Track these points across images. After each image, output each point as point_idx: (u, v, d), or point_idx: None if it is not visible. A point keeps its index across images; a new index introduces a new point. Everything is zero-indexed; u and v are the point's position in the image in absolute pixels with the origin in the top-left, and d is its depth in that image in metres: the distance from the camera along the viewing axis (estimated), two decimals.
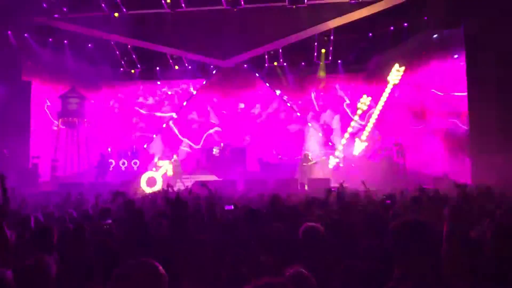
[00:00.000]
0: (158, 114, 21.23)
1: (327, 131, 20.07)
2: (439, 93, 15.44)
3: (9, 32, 16.44)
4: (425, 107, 16.34)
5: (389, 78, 17.58)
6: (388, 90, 17.72)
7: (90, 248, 3.84)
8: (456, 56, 14.60)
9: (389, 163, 15.54)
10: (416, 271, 1.96)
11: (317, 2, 15.93)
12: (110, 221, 5.22)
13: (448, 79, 14.97)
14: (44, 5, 15.88)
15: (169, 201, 5.33)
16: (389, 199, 6.69)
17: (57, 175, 16.86)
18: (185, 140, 20.86)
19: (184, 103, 21.11)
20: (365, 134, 18.37)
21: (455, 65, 14.57)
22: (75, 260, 3.69)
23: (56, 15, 16.28)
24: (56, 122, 18.35)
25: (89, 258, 3.65)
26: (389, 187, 10.46)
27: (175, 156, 18.12)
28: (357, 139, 18.41)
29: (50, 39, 17.66)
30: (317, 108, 20.64)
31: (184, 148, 20.47)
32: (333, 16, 16.38)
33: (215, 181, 14.26)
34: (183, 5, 15.95)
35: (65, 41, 18.00)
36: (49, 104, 18.37)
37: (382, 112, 18.08)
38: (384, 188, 10.42)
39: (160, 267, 1.80)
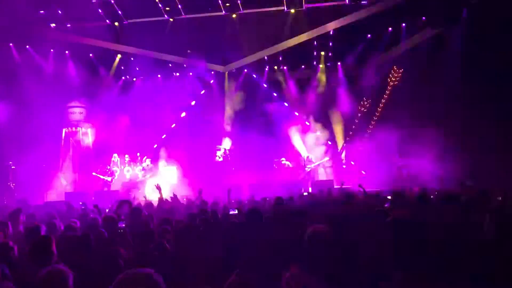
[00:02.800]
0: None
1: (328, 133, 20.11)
2: None
3: (11, 44, 16.62)
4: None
5: (388, 79, 17.64)
6: (387, 91, 17.78)
7: (96, 257, 3.89)
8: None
9: (391, 163, 15.58)
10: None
11: (315, 5, 16.02)
12: (123, 225, 5.25)
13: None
14: (44, 16, 16.03)
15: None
16: (391, 199, 6.72)
17: (62, 185, 16.98)
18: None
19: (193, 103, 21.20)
20: (366, 136, 18.41)
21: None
22: (81, 270, 3.75)
23: (56, 26, 16.43)
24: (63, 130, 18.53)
25: (96, 267, 3.70)
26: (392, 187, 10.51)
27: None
28: (357, 141, 18.43)
29: (52, 50, 17.85)
30: (317, 110, 20.65)
31: None
32: (331, 19, 16.48)
33: (219, 186, 14.31)
34: (182, 12, 16.06)
35: (67, 52, 18.18)
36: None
37: (382, 112, 18.14)
38: (387, 188, 10.48)
39: (156, 276, 1.79)
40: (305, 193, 8.97)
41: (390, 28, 17.19)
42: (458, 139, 14.21)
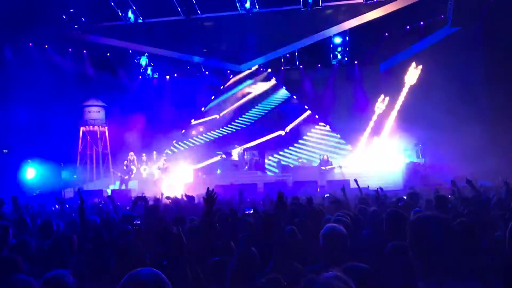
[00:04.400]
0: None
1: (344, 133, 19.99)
2: None
3: (30, 44, 16.89)
4: None
5: (405, 78, 17.45)
6: (405, 90, 17.59)
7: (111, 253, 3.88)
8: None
9: (409, 163, 15.36)
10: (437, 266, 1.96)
11: (331, 4, 15.90)
12: (138, 221, 5.26)
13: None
14: (64, 16, 16.24)
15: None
16: (408, 199, 6.62)
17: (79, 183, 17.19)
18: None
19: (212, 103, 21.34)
20: (384, 134, 18.24)
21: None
22: (96, 265, 3.75)
23: (75, 26, 16.63)
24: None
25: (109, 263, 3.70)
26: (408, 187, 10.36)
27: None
28: (375, 139, 18.28)
29: (70, 49, 18.11)
30: (334, 110, 20.53)
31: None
32: (348, 18, 16.34)
33: (236, 184, 14.29)
34: (198, 11, 16.10)
35: (84, 51, 18.44)
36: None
37: (400, 111, 17.96)
38: (403, 188, 10.34)
39: (163, 276, 1.76)
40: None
41: (408, 27, 16.98)
42: (481, 140, 13.87)
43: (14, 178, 15.84)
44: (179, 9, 15.79)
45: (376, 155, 17.90)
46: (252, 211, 6.05)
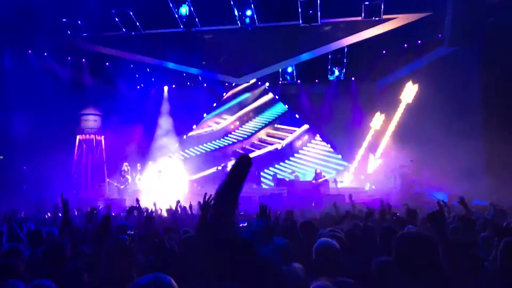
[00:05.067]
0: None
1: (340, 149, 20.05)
2: None
3: (29, 51, 16.94)
4: None
5: (402, 96, 17.57)
6: (402, 107, 17.70)
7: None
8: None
9: (404, 180, 15.40)
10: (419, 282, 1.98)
11: (330, 20, 16.06)
12: (132, 232, 5.25)
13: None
14: (65, 25, 16.32)
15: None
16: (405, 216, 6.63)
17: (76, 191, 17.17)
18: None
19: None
20: (379, 151, 18.32)
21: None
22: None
23: (77, 34, 16.71)
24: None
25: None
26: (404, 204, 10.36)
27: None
28: (371, 156, 18.36)
29: (69, 58, 18.17)
30: (330, 125, 20.63)
31: None
32: (346, 34, 16.49)
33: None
34: (198, 24, 16.20)
35: (83, 60, 18.51)
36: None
37: (396, 129, 18.05)
38: (399, 205, 10.35)
39: (173, 282, 1.80)
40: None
41: (405, 45, 17.15)
42: (476, 159, 13.89)
43: (9, 185, 15.78)
44: (180, 21, 15.87)
45: (371, 171, 17.98)
46: (246, 225, 6.03)
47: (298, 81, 20.53)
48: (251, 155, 19.89)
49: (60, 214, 9.12)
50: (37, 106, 16.06)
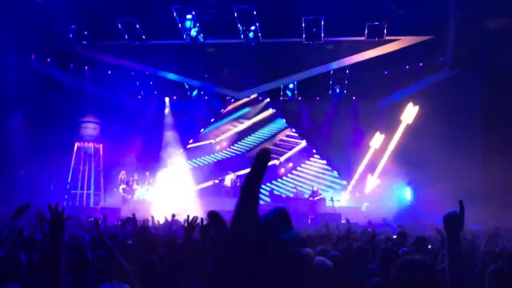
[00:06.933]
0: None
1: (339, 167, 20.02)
2: None
3: (32, 56, 16.98)
4: None
5: (402, 117, 17.59)
6: (401, 128, 17.71)
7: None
8: None
9: (401, 202, 15.34)
10: None
11: (333, 39, 16.16)
12: (130, 241, 5.21)
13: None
14: (69, 31, 16.41)
15: None
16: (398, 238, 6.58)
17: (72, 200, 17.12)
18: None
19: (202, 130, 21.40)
20: (377, 171, 18.27)
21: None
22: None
23: (82, 42, 16.79)
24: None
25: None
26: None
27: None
28: (369, 176, 18.30)
29: (71, 65, 18.24)
30: (330, 143, 20.62)
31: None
32: (349, 54, 16.61)
33: (225, 211, 14.17)
34: (201, 37, 16.27)
35: (86, 68, 18.57)
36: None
37: (395, 149, 18.02)
38: (394, 227, 10.27)
39: None
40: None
41: (407, 66, 17.24)
42: (474, 182, 13.79)
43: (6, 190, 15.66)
44: (184, 34, 15.93)
45: (368, 192, 17.91)
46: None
47: (299, 98, 20.57)
48: (246, 171, 19.84)
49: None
50: (37, 110, 16.05)
